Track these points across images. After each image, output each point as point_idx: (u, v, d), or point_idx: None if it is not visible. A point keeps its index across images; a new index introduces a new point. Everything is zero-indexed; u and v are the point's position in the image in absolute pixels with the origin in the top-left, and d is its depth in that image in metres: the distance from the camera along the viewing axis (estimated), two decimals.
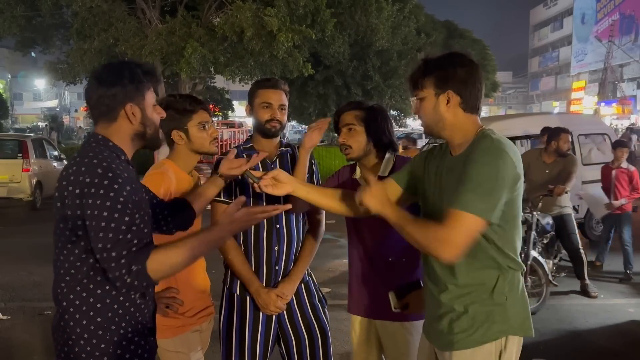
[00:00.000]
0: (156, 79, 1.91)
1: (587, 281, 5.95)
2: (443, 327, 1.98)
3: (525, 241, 5.54)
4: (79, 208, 1.67)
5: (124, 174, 1.73)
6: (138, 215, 1.73)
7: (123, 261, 1.64)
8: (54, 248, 1.79)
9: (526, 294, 2.04)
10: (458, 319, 1.95)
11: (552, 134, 5.98)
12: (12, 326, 5.01)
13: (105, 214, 1.65)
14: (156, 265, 1.68)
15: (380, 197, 1.95)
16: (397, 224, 1.91)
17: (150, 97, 1.86)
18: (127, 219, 1.67)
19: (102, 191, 1.65)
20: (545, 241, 5.93)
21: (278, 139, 2.60)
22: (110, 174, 1.68)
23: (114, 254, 1.64)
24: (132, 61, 1.91)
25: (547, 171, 5.92)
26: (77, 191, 1.67)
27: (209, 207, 2.56)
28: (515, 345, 1.98)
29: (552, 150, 5.92)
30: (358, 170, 2.62)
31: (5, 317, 5.20)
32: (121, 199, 1.67)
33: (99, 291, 1.72)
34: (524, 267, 2.04)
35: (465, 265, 1.92)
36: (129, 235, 1.67)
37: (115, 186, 1.67)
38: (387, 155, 2.56)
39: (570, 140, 7.01)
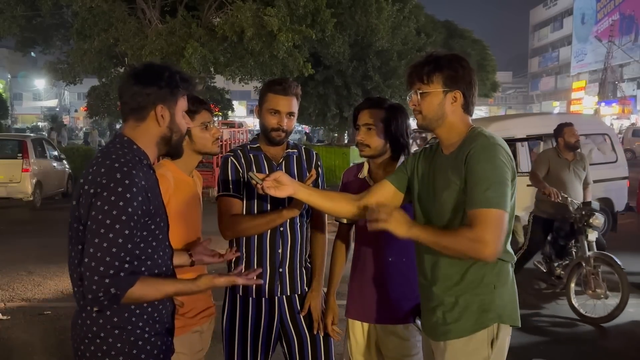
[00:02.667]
0: (192, 87, 1.93)
1: None
2: (437, 319, 2.05)
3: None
4: (90, 208, 1.68)
5: (141, 182, 1.72)
6: (147, 225, 1.74)
7: (107, 281, 1.64)
8: (68, 246, 1.80)
9: (515, 285, 2.09)
10: (450, 309, 2.01)
11: (555, 131, 5.91)
12: (12, 326, 5.01)
13: (108, 221, 1.65)
14: (132, 296, 1.68)
15: (405, 222, 1.91)
16: (429, 242, 1.92)
17: (182, 104, 1.88)
18: (127, 232, 1.67)
19: (113, 197, 1.66)
20: None
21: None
22: (127, 181, 1.68)
23: (101, 268, 1.63)
24: (172, 66, 1.93)
25: (571, 168, 5.79)
26: (92, 191, 1.68)
27: (214, 201, 2.56)
28: (506, 334, 2.04)
29: (563, 147, 5.82)
30: (365, 169, 2.62)
31: (5, 317, 5.20)
32: (129, 210, 1.67)
33: None
34: (515, 259, 2.09)
35: (451, 259, 1.99)
36: (122, 254, 1.66)
37: (128, 195, 1.67)
38: (402, 158, 2.55)
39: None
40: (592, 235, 5.37)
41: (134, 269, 1.70)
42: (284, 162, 2.57)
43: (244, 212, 2.50)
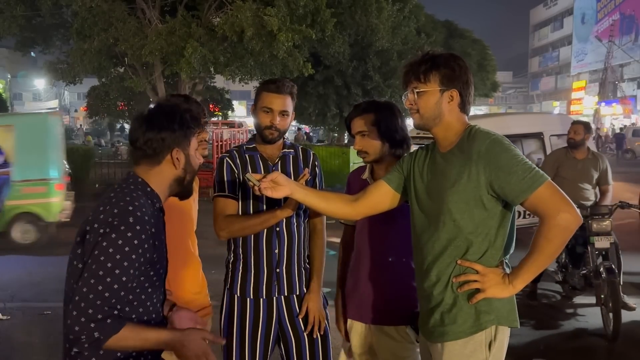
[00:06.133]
0: (201, 124, 1.95)
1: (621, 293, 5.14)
2: (435, 320, 2.04)
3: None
4: (95, 246, 1.65)
5: (152, 228, 1.72)
6: (146, 272, 1.72)
7: (92, 325, 1.60)
8: (65, 284, 1.76)
9: None
10: (448, 311, 2.00)
11: None
12: (12, 326, 5.01)
13: (109, 264, 1.63)
14: (115, 342, 1.64)
15: (503, 281, 1.94)
16: (540, 269, 1.93)
17: (194, 144, 1.90)
18: (124, 278, 1.64)
19: (120, 241, 1.64)
20: None
21: (281, 140, 2.59)
22: (138, 227, 1.67)
23: (90, 311, 1.60)
24: (180, 104, 1.96)
25: (579, 167, 5.56)
26: (101, 230, 1.66)
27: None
28: (504, 336, 2.03)
29: (568, 145, 5.67)
30: (367, 171, 2.62)
31: (5, 317, 5.21)
32: (133, 257, 1.65)
33: None
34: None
35: (450, 260, 1.99)
36: (113, 300, 1.63)
37: (136, 241, 1.66)
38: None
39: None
40: (602, 243, 4.99)
41: (123, 314, 1.68)
42: (279, 162, 2.56)
43: (240, 213, 2.50)
